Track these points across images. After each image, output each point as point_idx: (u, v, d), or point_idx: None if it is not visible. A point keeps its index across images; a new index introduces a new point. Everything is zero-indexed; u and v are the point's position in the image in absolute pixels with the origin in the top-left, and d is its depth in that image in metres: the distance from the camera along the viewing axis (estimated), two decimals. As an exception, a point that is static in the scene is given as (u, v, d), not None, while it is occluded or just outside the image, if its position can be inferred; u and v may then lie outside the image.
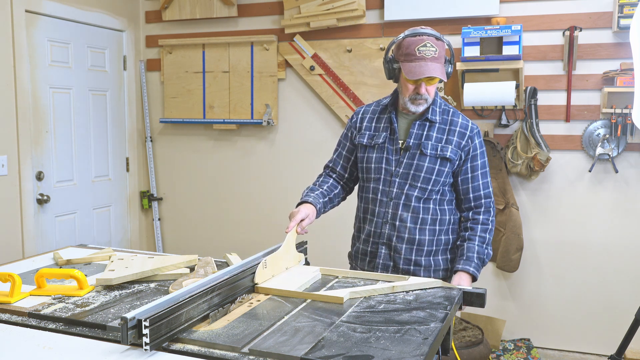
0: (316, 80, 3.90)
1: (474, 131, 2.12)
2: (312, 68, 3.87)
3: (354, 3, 3.69)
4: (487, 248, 2.10)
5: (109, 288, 1.79)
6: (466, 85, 3.39)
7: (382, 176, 2.12)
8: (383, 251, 2.13)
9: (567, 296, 3.54)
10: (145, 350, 1.31)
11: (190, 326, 1.44)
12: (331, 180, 2.28)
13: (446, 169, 2.08)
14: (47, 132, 3.60)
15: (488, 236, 2.11)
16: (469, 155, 2.10)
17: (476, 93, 3.36)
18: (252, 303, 1.65)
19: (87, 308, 1.60)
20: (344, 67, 3.82)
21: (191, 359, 1.31)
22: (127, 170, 4.31)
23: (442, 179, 2.09)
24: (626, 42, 3.24)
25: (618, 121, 3.27)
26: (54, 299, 1.68)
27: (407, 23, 3.61)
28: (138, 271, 1.86)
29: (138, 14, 4.33)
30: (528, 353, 3.44)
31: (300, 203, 2.13)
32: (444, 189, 2.12)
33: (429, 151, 2.07)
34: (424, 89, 2.02)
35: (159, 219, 4.43)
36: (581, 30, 3.33)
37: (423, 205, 2.10)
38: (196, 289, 1.52)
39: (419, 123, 2.10)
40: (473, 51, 3.36)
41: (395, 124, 2.12)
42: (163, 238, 4.45)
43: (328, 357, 1.27)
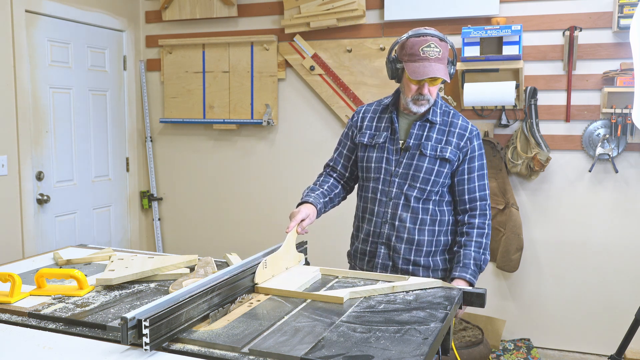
0: (316, 80, 3.89)
1: (473, 133, 2.11)
2: (312, 68, 3.87)
3: (354, 3, 3.69)
4: (485, 254, 2.08)
5: (109, 288, 1.79)
6: (466, 85, 3.39)
7: (382, 176, 2.12)
8: (382, 251, 2.13)
9: (567, 296, 3.54)
10: (145, 350, 1.31)
11: (190, 326, 1.44)
12: (332, 179, 2.28)
13: (445, 170, 2.08)
14: (47, 132, 3.60)
15: (485, 241, 2.08)
16: (467, 156, 2.10)
17: (476, 93, 3.36)
18: (252, 303, 1.65)
19: (87, 308, 1.60)
20: (344, 67, 3.82)
21: (191, 359, 1.31)
22: (127, 170, 4.31)
23: (441, 180, 2.09)
24: (626, 42, 3.24)
25: (618, 121, 3.27)
26: (54, 299, 1.68)
27: (407, 23, 3.62)
28: (138, 271, 1.86)
29: (138, 14, 4.33)
30: (528, 353, 3.44)
31: (300, 203, 2.13)
32: (443, 190, 2.12)
33: (429, 152, 2.07)
34: (427, 90, 2.02)
35: (159, 219, 4.43)
36: (581, 30, 3.33)
37: (422, 205, 2.09)
38: (196, 289, 1.52)
39: (420, 124, 2.10)
40: (473, 51, 3.36)
41: (396, 124, 2.12)
42: (163, 238, 4.45)
43: (328, 357, 1.27)
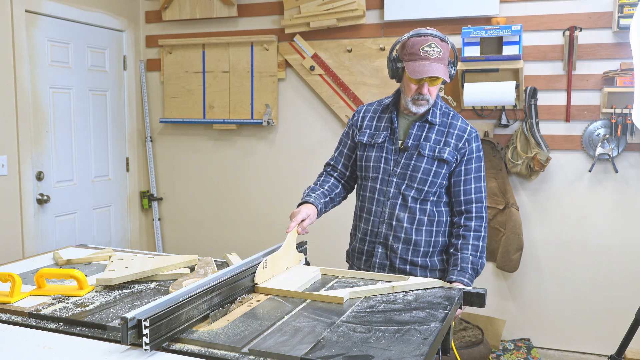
0: (316, 80, 3.89)
1: (472, 134, 2.11)
2: (312, 68, 3.87)
3: (354, 3, 3.69)
4: (481, 257, 2.06)
5: (109, 288, 1.79)
6: (466, 85, 3.39)
7: (380, 175, 2.12)
8: (380, 250, 2.13)
9: (567, 296, 3.54)
10: (145, 350, 1.31)
11: (190, 326, 1.44)
12: (332, 179, 2.28)
13: (443, 171, 2.08)
14: (47, 132, 3.60)
15: (481, 244, 2.07)
16: (464, 157, 2.09)
17: (476, 93, 3.36)
18: (252, 303, 1.65)
19: (87, 308, 1.60)
20: (344, 67, 3.82)
21: (191, 359, 1.31)
22: (127, 170, 4.31)
23: (439, 181, 2.08)
24: (626, 42, 3.24)
25: (618, 121, 3.27)
26: (54, 299, 1.68)
27: (407, 23, 3.62)
28: (138, 271, 1.86)
29: (138, 14, 4.33)
30: (528, 353, 3.44)
31: (301, 203, 2.13)
32: (441, 191, 2.11)
33: (427, 152, 2.07)
34: (427, 89, 2.02)
35: (159, 219, 4.43)
36: (581, 30, 3.33)
37: (420, 205, 2.09)
38: (196, 289, 1.52)
39: (419, 124, 2.10)
40: (473, 51, 3.36)
41: (395, 124, 2.12)
42: (163, 238, 4.45)
43: (328, 357, 1.27)
